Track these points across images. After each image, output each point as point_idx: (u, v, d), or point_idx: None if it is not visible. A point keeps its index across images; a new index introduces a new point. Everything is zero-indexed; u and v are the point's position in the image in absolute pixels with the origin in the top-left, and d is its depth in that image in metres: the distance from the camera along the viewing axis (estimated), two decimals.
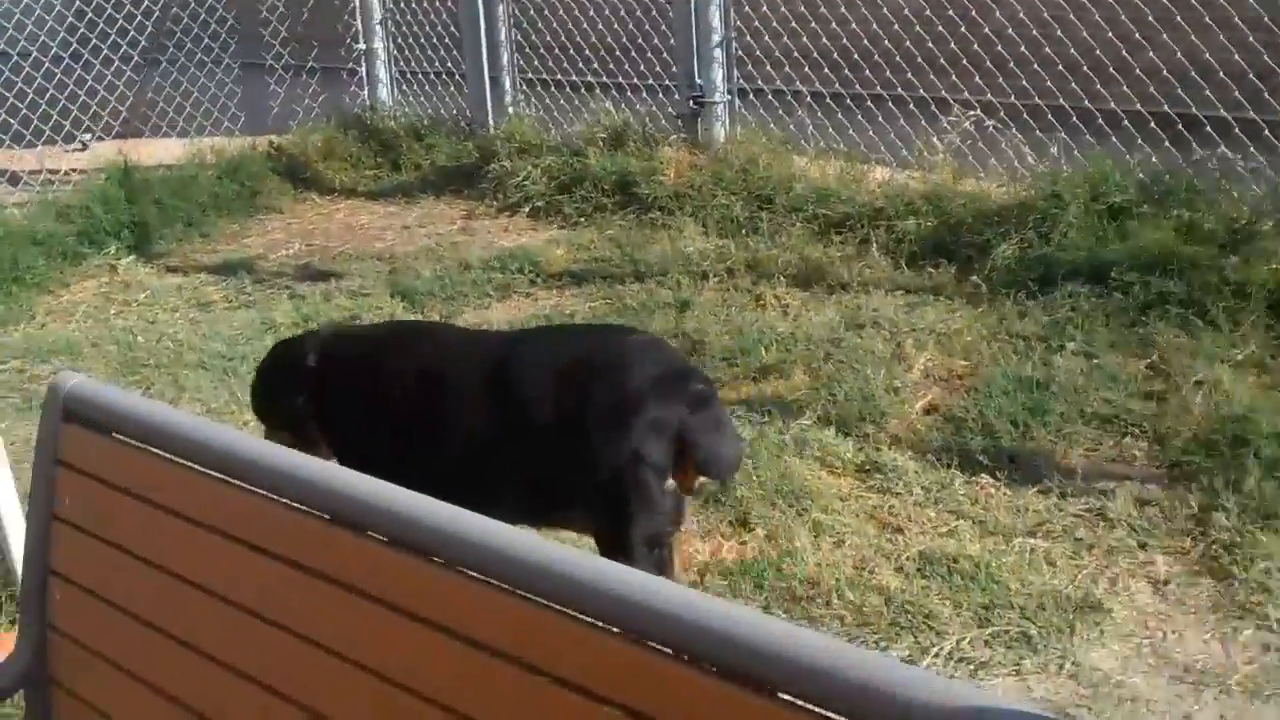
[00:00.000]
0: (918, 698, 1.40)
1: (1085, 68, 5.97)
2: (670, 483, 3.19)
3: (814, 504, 4.13)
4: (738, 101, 6.92)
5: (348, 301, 6.11)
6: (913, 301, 5.38)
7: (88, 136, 8.87)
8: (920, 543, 3.91)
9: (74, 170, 8.17)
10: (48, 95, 8.41)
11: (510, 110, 7.85)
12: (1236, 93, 5.59)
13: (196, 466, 2.17)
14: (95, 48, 8.49)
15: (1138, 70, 5.81)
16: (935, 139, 6.15)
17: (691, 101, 6.93)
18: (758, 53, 7.06)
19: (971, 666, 3.41)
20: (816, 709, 1.46)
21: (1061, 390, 4.54)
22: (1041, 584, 3.67)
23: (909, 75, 6.54)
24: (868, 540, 3.96)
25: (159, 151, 8.36)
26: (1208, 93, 5.65)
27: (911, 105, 6.49)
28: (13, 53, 8.47)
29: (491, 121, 7.86)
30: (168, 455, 2.21)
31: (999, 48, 6.25)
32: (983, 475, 4.21)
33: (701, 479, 3.33)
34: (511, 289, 6.08)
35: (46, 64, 8.45)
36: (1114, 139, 5.85)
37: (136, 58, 8.57)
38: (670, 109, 7.15)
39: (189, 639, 2.19)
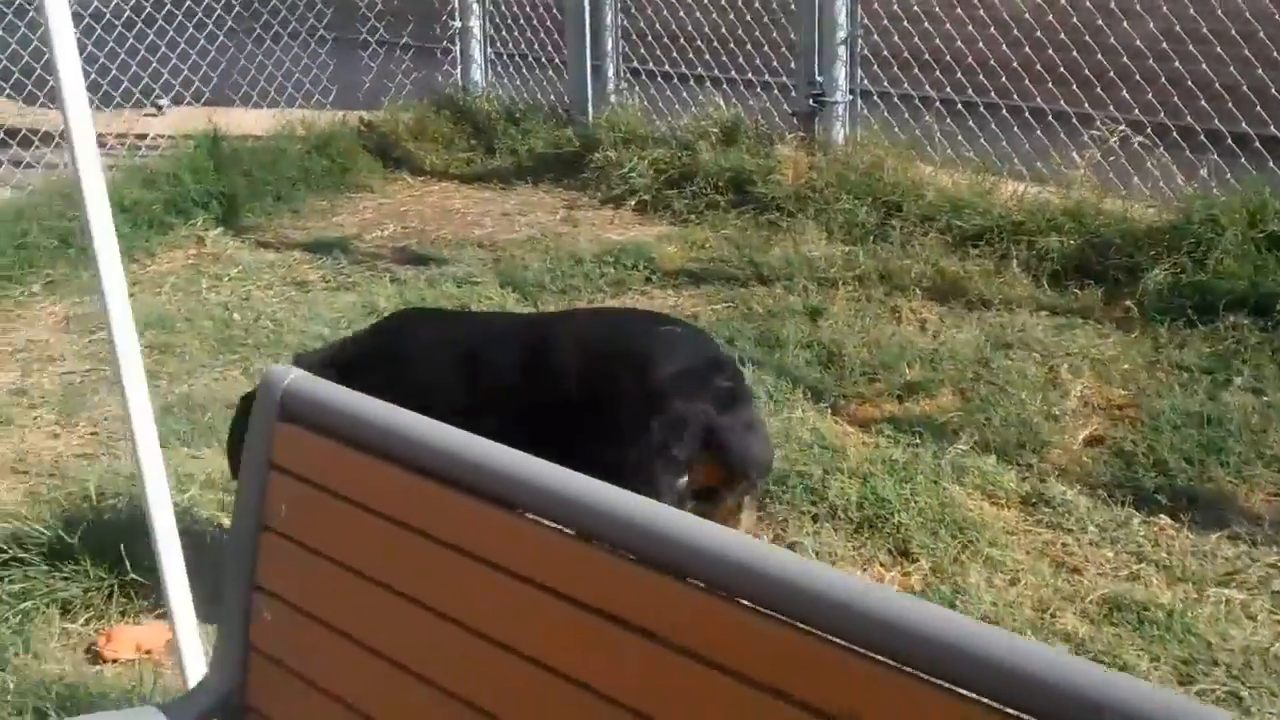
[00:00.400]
0: None
1: (1244, 87, 5.67)
2: (684, 481, 3.12)
3: (980, 537, 3.86)
4: (860, 102, 6.64)
5: (455, 289, 5.85)
6: (1060, 323, 5.10)
7: (163, 101, 8.63)
8: (1102, 586, 3.64)
9: (160, 136, 7.92)
10: (139, 56, 8.16)
11: (612, 99, 7.59)
12: None
13: (426, 474, 1.93)
14: (189, 9, 8.24)
15: None
16: (1075, 154, 5.87)
17: (810, 100, 6.66)
18: (884, 53, 6.78)
19: None
20: None
21: (1236, 428, 4.26)
22: (1244, 639, 3.40)
23: (1049, 85, 6.25)
24: (1044, 579, 3.69)
25: (244, 120, 8.10)
26: None
27: (1050, 118, 6.20)
28: (106, 10, 8.22)
29: (591, 110, 7.59)
30: (394, 460, 1.96)
31: (1150, 62, 5.97)
32: (1161, 515, 3.94)
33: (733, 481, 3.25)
34: (626, 285, 5.82)
35: (139, 24, 8.20)
36: (1271, 164, 5.55)
37: (230, 23, 8.33)
38: (786, 106, 6.88)
39: (410, 664, 1.94)
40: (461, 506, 1.89)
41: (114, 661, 3.73)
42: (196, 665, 2.80)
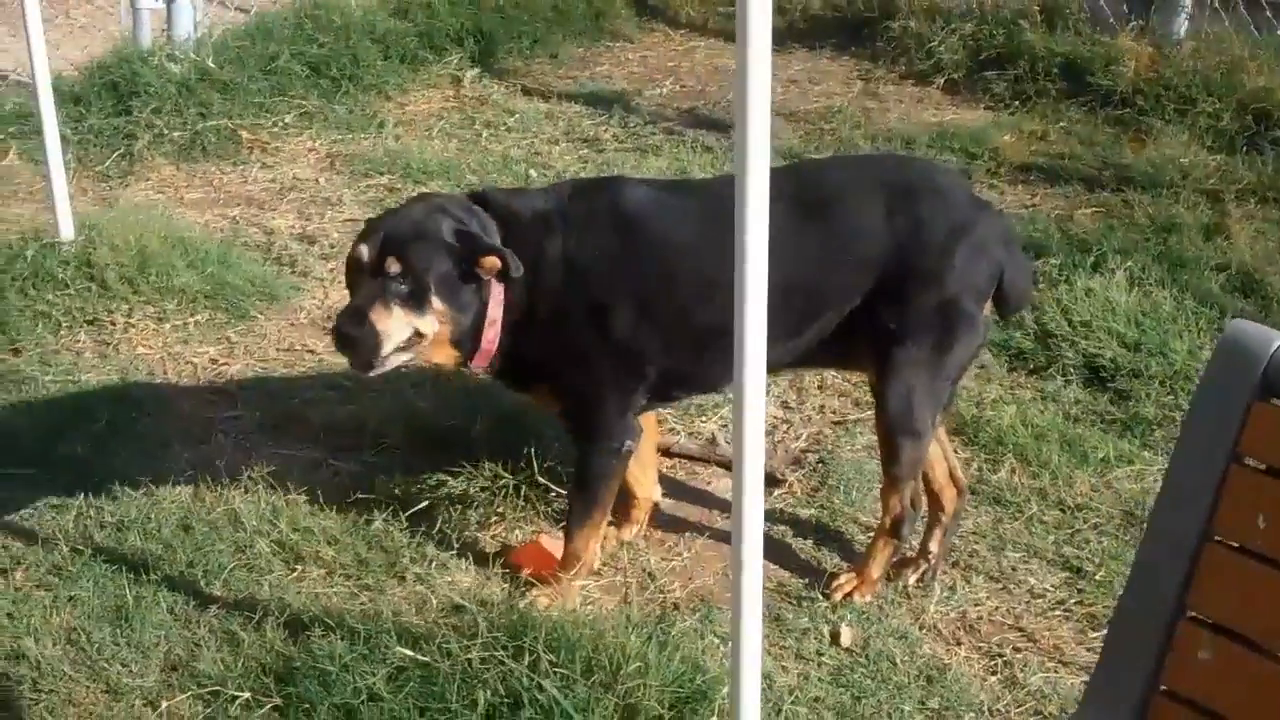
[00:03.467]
0: None
1: None
2: (986, 312, 3.09)
3: None
4: None
5: (780, 162, 5.25)
6: None
7: None
8: None
9: None
10: None
11: None
12: None
13: None
14: None
15: None
16: None
17: None
18: None
19: None
20: None
21: None
22: None
23: None
24: None
25: None
26: None
27: None
28: None
29: None
30: None
31: None
32: None
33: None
34: (970, 176, 5.22)
35: None
36: None
37: None
38: None
39: None
40: None
41: (532, 576, 3.23)
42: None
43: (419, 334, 2.93)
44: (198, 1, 5.91)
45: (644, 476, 3.38)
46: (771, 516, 3.50)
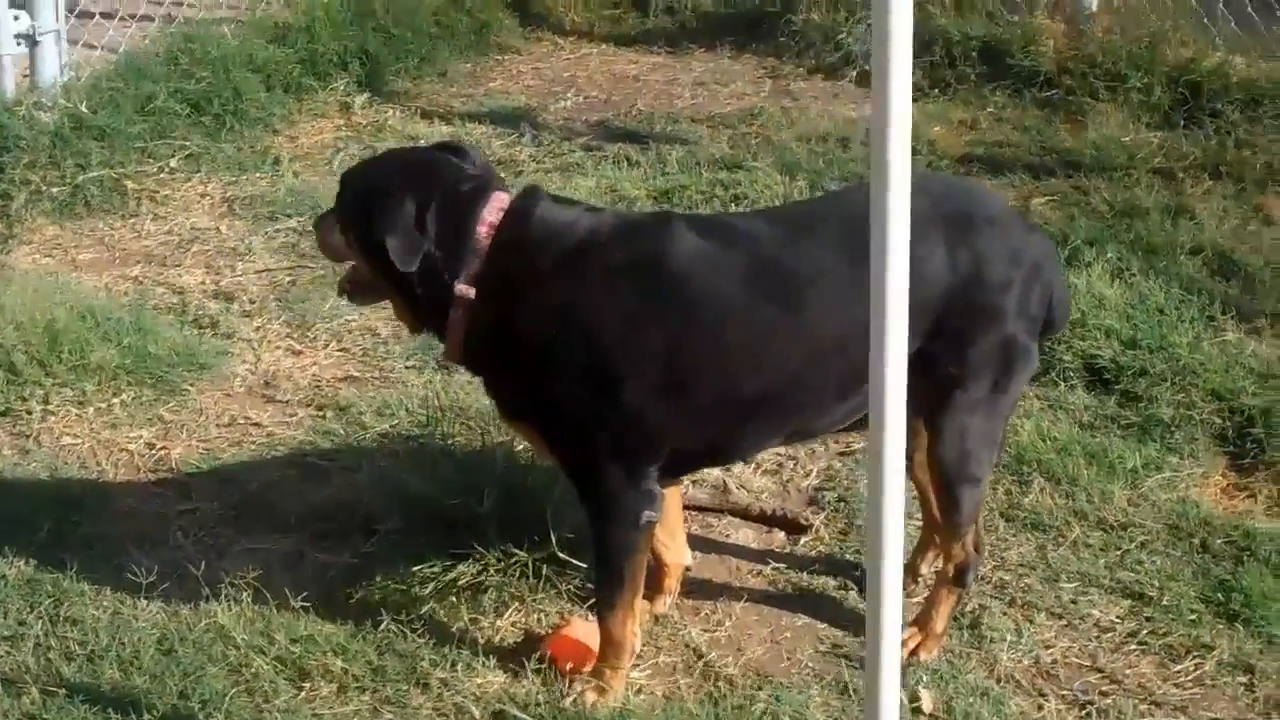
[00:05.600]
0: None
1: None
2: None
3: None
4: None
5: (721, 174, 5.00)
6: None
7: None
8: None
9: None
10: None
11: None
12: None
13: None
14: None
15: None
16: None
17: None
18: None
19: None
20: None
21: None
22: None
23: None
24: None
25: None
26: None
27: None
28: None
29: None
30: None
31: None
32: None
33: None
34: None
35: None
36: None
37: None
38: None
39: None
40: None
41: (570, 670, 2.92)
42: None
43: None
44: (62, 44, 5.42)
45: (672, 542, 3.09)
46: (806, 567, 3.26)
